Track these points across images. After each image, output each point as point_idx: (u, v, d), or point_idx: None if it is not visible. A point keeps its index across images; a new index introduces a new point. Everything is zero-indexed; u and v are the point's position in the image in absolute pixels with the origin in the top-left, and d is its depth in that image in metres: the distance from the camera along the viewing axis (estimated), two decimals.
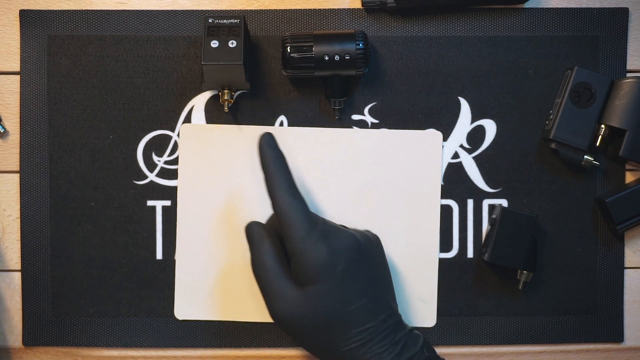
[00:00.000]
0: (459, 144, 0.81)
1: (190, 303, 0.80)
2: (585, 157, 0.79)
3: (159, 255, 0.80)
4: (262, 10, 0.81)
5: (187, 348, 0.80)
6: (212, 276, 0.80)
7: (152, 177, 0.80)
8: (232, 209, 0.80)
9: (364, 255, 0.71)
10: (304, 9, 0.81)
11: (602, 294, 0.81)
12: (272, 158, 0.71)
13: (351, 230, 0.73)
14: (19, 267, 0.81)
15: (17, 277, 0.81)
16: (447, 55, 0.81)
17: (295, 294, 0.69)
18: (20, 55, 0.80)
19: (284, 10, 0.81)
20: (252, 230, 0.72)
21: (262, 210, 0.80)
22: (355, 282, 0.70)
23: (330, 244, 0.69)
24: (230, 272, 0.80)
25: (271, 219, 0.75)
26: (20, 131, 0.80)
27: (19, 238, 0.80)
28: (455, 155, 0.81)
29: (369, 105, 0.81)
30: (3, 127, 0.80)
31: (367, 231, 0.77)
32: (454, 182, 0.81)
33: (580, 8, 0.81)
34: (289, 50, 0.76)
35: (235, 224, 0.80)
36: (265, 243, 0.70)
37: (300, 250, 0.68)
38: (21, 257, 0.80)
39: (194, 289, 0.80)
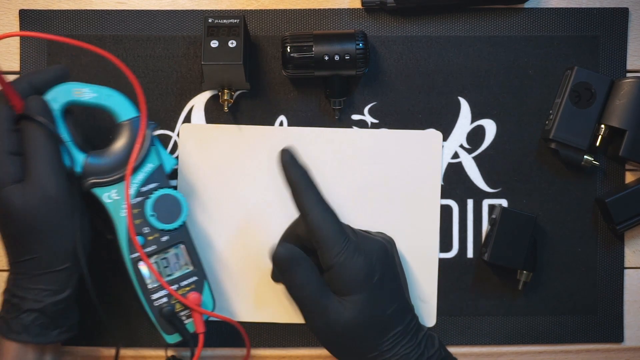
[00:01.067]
0: (459, 144, 0.81)
1: None
2: (585, 157, 0.79)
3: None
4: (262, 10, 0.81)
5: (187, 348, 0.80)
6: (212, 275, 0.80)
7: None
8: (232, 208, 0.80)
9: (391, 260, 0.73)
10: (304, 9, 0.81)
11: (602, 294, 0.81)
12: (298, 175, 0.71)
13: (377, 237, 0.74)
14: None
15: None
16: (447, 55, 0.81)
17: (337, 305, 0.70)
18: (20, 55, 0.80)
19: (284, 10, 0.81)
20: (282, 255, 0.70)
21: (262, 210, 0.80)
22: (389, 288, 0.71)
23: (366, 255, 0.70)
24: (230, 271, 0.80)
25: (291, 228, 0.76)
26: None
27: None
28: (455, 155, 0.81)
29: (369, 105, 0.81)
30: None
31: (381, 233, 0.78)
32: (454, 182, 0.81)
33: (580, 8, 0.81)
34: (289, 50, 0.76)
35: (235, 223, 0.80)
36: (302, 265, 0.70)
37: (340, 264, 0.69)
38: None
39: None
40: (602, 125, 0.79)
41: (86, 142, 0.74)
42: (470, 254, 0.81)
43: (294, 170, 0.71)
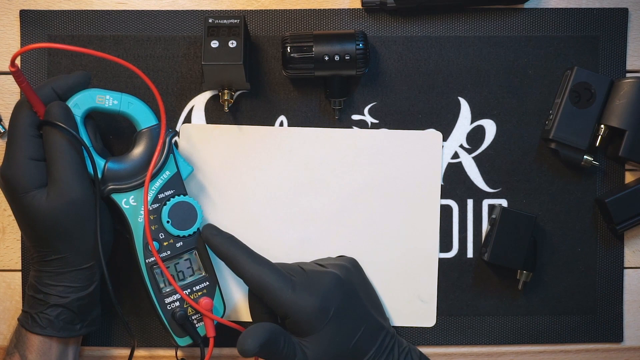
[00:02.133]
0: (459, 144, 0.81)
1: None
2: (585, 157, 0.79)
3: None
4: (262, 10, 0.81)
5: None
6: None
7: None
8: (232, 208, 0.80)
9: (348, 288, 0.73)
10: (304, 9, 0.81)
11: (602, 293, 0.81)
12: (223, 244, 0.73)
13: (328, 268, 0.74)
14: (19, 267, 0.81)
15: (17, 277, 0.81)
16: (447, 55, 0.81)
17: (301, 348, 0.70)
18: (21, 55, 0.80)
19: (284, 10, 0.81)
20: (253, 349, 0.68)
21: (261, 210, 0.80)
22: (349, 317, 0.71)
23: (316, 293, 0.70)
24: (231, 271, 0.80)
25: (252, 299, 0.74)
26: None
27: (19, 238, 0.81)
28: (455, 155, 0.81)
29: (369, 105, 0.81)
30: (3, 127, 0.80)
31: (341, 257, 0.78)
32: (454, 182, 0.81)
33: (580, 8, 0.81)
34: (289, 50, 0.76)
35: (235, 223, 0.80)
36: (274, 346, 0.69)
37: (290, 309, 0.69)
38: (21, 257, 0.80)
39: None
40: (602, 125, 0.79)
41: (105, 147, 0.77)
42: (470, 254, 0.81)
43: (218, 241, 0.73)
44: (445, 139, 0.81)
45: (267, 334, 0.68)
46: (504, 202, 0.81)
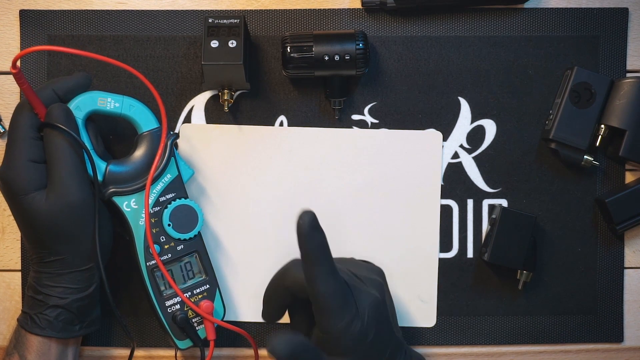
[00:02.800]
0: (459, 144, 0.81)
1: None
2: (585, 157, 0.79)
3: None
4: (262, 10, 0.81)
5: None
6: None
7: None
8: (231, 208, 0.80)
9: (383, 311, 0.70)
10: (304, 9, 0.81)
11: (602, 293, 0.81)
12: (314, 244, 0.65)
13: (367, 284, 0.70)
14: (19, 267, 0.81)
15: (17, 277, 0.81)
16: (447, 55, 0.81)
17: None
18: None
19: (284, 10, 0.81)
20: (283, 352, 0.64)
21: (261, 209, 0.80)
22: (380, 342, 0.69)
23: (361, 317, 0.67)
24: (231, 270, 0.80)
25: (279, 279, 0.71)
26: None
27: (19, 238, 0.80)
28: (455, 155, 0.81)
29: (369, 105, 0.81)
30: (3, 127, 0.80)
31: (368, 264, 0.76)
32: (454, 182, 0.81)
33: (580, 8, 0.81)
34: (289, 50, 0.76)
35: (234, 223, 0.80)
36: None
37: (337, 332, 0.66)
38: (21, 257, 0.80)
39: None
40: (602, 125, 0.79)
41: (106, 149, 0.77)
42: (470, 254, 0.81)
43: (310, 239, 0.65)
44: (445, 139, 0.81)
45: (301, 346, 0.64)
46: (504, 202, 0.81)
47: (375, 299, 0.69)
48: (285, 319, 0.79)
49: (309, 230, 0.65)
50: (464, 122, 0.81)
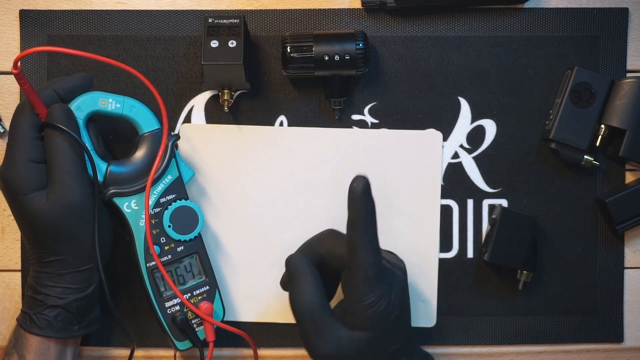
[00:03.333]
0: (459, 144, 0.81)
1: None
2: (585, 157, 0.79)
3: None
4: (262, 10, 0.81)
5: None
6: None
7: None
8: (231, 208, 0.80)
9: (407, 296, 0.72)
10: (304, 9, 0.81)
11: (602, 294, 0.81)
12: (364, 211, 0.67)
13: (395, 269, 0.71)
14: (19, 267, 0.81)
15: (17, 277, 0.81)
16: (447, 55, 0.81)
17: (346, 336, 0.68)
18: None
19: (284, 10, 0.81)
20: (296, 262, 0.70)
21: (261, 209, 0.80)
22: (400, 325, 0.70)
23: (389, 296, 0.68)
24: (231, 271, 0.80)
25: (314, 244, 0.73)
26: None
27: (19, 238, 0.80)
28: (455, 155, 0.81)
29: (369, 105, 0.81)
30: (3, 127, 0.80)
31: (392, 254, 0.76)
32: (454, 182, 0.81)
33: (580, 8, 0.81)
34: (289, 50, 0.76)
35: (235, 223, 0.80)
36: (310, 279, 0.69)
37: (365, 304, 0.67)
38: (21, 257, 0.80)
39: None
40: (602, 125, 0.79)
41: (107, 150, 0.77)
42: (470, 254, 0.81)
43: (361, 205, 0.66)
44: (445, 139, 0.81)
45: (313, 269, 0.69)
46: (504, 202, 0.81)
47: (403, 282, 0.71)
48: (283, 318, 0.80)
49: (361, 196, 0.66)
50: (464, 122, 0.81)
